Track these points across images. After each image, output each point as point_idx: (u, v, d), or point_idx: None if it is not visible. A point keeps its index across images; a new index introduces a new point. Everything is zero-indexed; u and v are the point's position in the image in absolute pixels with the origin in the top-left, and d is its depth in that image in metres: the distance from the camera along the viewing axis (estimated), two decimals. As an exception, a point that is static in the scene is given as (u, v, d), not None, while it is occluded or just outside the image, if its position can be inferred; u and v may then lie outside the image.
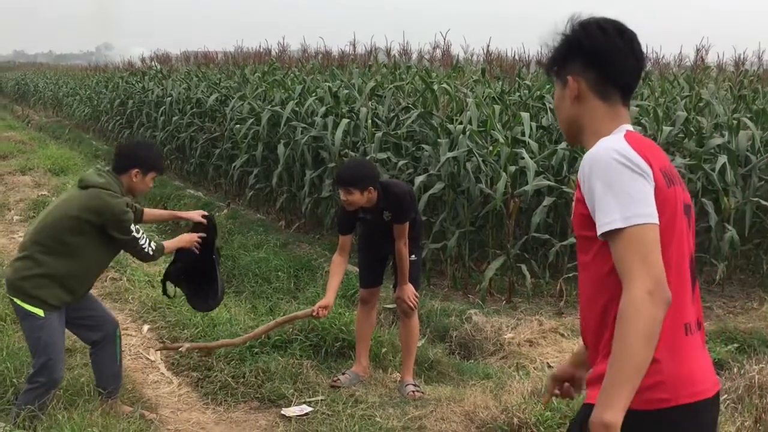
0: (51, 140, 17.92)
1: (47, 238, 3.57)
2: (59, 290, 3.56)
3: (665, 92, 8.82)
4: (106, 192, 3.58)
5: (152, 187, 3.90)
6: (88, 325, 3.83)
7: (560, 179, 7.17)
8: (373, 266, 4.69)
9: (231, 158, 11.33)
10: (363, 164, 4.74)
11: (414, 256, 4.53)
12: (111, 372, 3.91)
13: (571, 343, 5.79)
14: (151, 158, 3.79)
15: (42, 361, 3.56)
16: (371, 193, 4.31)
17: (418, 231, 4.61)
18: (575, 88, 1.82)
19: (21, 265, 3.59)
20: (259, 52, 14.00)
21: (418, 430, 3.80)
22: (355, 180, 4.28)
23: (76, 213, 3.55)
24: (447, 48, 10.69)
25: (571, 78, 1.83)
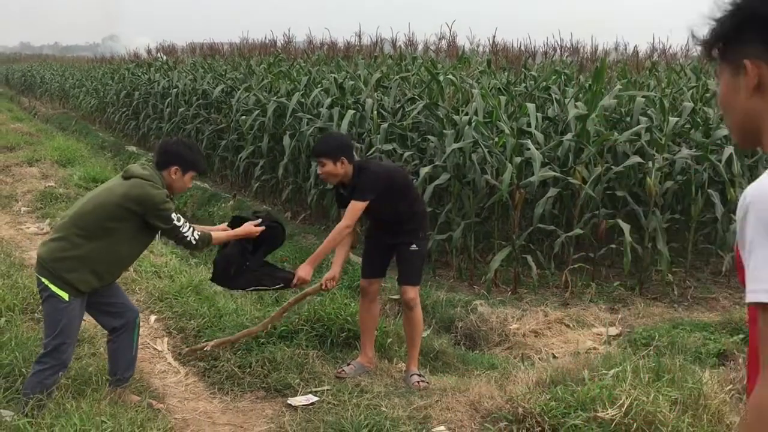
0: (58, 132, 17.97)
1: (87, 222, 3.63)
2: (89, 275, 3.62)
3: (672, 83, 8.78)
4: (148, 183, 3.65)
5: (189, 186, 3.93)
6: (110, 311, 3.89)
7: (566, 170, 7.16)
8: (372, 256, 4.67)
9: (237, 149, 11.35)
10: (334, 136, 4.71)
11: (416, 246, 4.50)
12: (126, 360, 3.97)
13: (576, 334, 5.81)
14: (191, 157, 3.82)
15: (56, 343, 3.62)
16: (344, 165, 4.27)
17: (419, 222, 4.57)
18: (755, 75, 1.34)
19: (56, 246, 3.64)
20: (265, 44, 13.99)
21: (423, 419, 3.81)
22: (325, 150, 4.29)
23: (118, 200, 3.61)
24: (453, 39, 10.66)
25: (749, 62, 1.34)
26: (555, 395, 3.65)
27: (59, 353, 3.62)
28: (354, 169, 4.34)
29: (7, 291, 5.40)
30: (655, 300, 6.69)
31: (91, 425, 3.28)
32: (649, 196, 6.77)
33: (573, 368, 4.05)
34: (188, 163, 3.79)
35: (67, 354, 3.68)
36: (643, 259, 6.94)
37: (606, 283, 6.99)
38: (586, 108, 7.23)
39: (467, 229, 7.13)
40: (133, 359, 4.04)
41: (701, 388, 3.69)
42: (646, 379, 3.74)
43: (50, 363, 3.63)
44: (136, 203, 3.60)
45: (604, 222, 6.82)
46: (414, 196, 4.57)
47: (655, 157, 6.91)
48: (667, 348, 5.08)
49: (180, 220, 3.71)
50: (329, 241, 4.41)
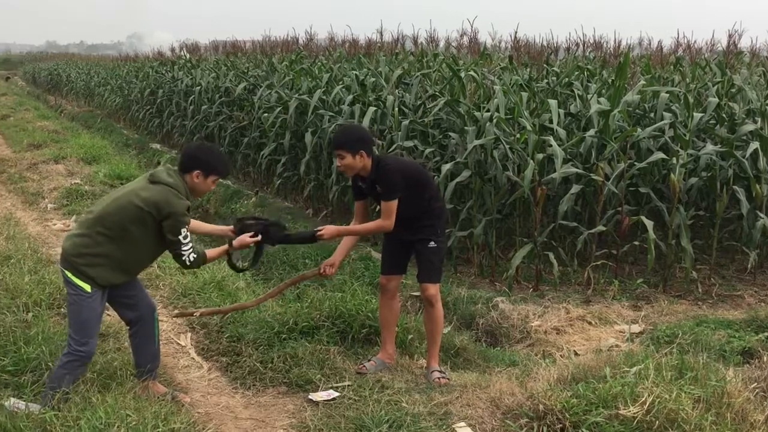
0: (83, 129, 18.20)
1: (110, 222, 3.71)
2: (109, 272, 3.72)
3: (696, 78, 8.68)
4: (173, 191, 3.73)
5: (212, 189, 3.98)
6: (126, 303, 3.97)
7: (588, 167, 7.11)
8: (392, 252, 4.66)
9: (259, 147, 11.43)
10: (354, 128, 4.69)
11: (434, 243, 4.49)
12: (148, 353, 4.05)
13: (599, 331, 5.78)
14: (212, 161, 3.87)
15: (80, 335, 3.72)
16: (364, 158, 4.29)
17: (438, 218, 4.56)
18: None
19: (80, 241, 3.74)
20: (287, 41, 14.04)
21: (443, 415, 3.82)
22: (344, 142, 4.29)
23: (140, 204, 3.69)
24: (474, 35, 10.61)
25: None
26: (576, 392, 3.64)
27: (82, 345, 3.71)
28: (373, 162, 4.35)
29: (34, 286, 5.49)
30: (679, 297, 6.63)
31: (116, 418, 3.33)
32: (673, 193, 6.70)
33: (595, 365, 4.03)
34: (210, 167, 3.85)
35: (90, 345, 3.75)
36: (667, 256, 6.88)
37: (629, 280, 6.94)
38: (609, 104, 7.17)
39: (488, 226, 7.12)
40: (157, 351, 4.10)
41: (725, 386, 3.66)
42: (669, 376, 3.71)
43: (75, 355, 3.71)
44: (156, 209, 3.68)
45: (627, 219, 6.76)
46: (432, 192, 4.55)
47: (679, 153, 6.84)
48: (691, 346, 5.04)
49: (186, 238, 3.78)
50: (365, 229, 4.58)
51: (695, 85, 8.26)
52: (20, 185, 10.61)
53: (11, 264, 6.11)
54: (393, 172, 4.33)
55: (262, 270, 7.21)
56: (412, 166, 4.63)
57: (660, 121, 7.21)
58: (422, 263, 4.54)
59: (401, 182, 4.33)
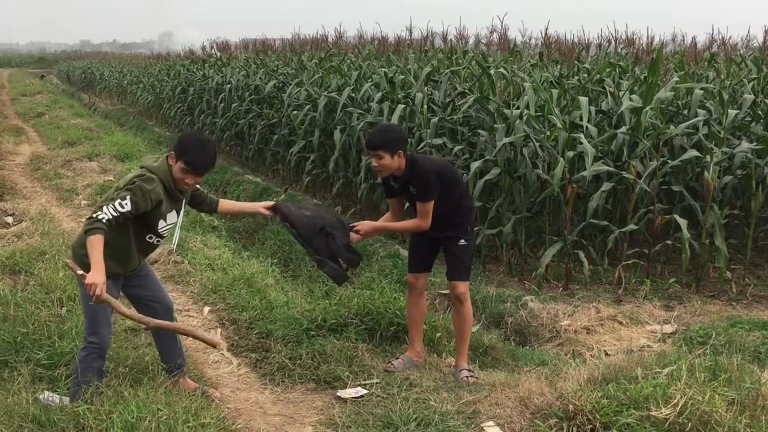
0: (116, 127, 18.46)
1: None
2: (108, 260, 3.63)
3: (731, 74, 8.52)
4: (142, 173, 3.73)
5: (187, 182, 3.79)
6: (144, 303, 4.01)
7: (620, 164, 7.03)
8: (419, 250, 4.64)
9: (288, 144, 11.48)
10: (390, 128, 4.66)
11: (464, 241, 4.48)
12: (172, 350, 4.10)
13: (630, 331, 5.71)
14: (187, 148, 3.76)
15: (89, 324, 3.77)
16: (401, 158, 4.29)
17: (468, 215, 4.54)
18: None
19: (79, 233, 3.84)
20: (316, 39, 14.10)
21: (472, 414, 3.81)
22: (384, 143, 4.27)
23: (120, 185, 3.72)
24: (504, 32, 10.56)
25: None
26: (607, 393, 3.60)
27: (92, 335, 3.74)
28: (407, 162, 4.34)
29: (68, 281, 5.58)
30: (713, 297, 6.52)
31: (147, 412, 3.37)
32: (707, 191, 6.59)
33: (626, 366, 3.98)
34: (181, 152, 3.73)
35: (100, 337, 3.75)
36: (701, 255, 6.76)
37: (661, 279, 6.85)
38: (642, 101, 7.07)
39: (518, 224, 7.07)
40: (180, 348, 4.14)
41: (760, 388, 3.59)
42: (702, 378, 3.64)
43: (88, 347, 3.75)
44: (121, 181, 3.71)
45: (660, 217, 6.67)
46: (461, 190, 4.53)
47: (713, 150, 6.72)
48: (725, 347, 4.96)
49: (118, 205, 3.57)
50: (402, 227, 4.65)
51: (730, 82, 8.12)
52: (55, 182, 10.79)
53: (46, 259, 6.22)
54: (428, 174, 4.31)
55: (291, 267, 7.25)
56: (444, 166, 4.61)
57: (694, 118, 7.10)
58: (452, 261, 4.53)
59: (437, 183, 4.32)
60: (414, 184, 4.34)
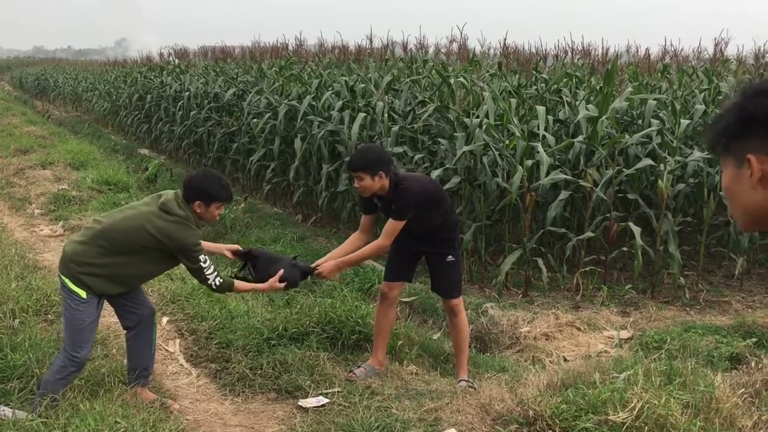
0: (71, 135, 18.10)
1: (116, 239, 3.74)
2: (105, 283, 3.76)
3: (683, 85, 8.75)
4: (184, 224, 3.78)
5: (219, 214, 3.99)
6: (127, 308, 3.99)
7: (577, 173, 7.15)
8: (400, 260, 4.61)
9: (248, 152, 11.40)
10: (372, 149, 4.61)
11: (452, 257, 4.47)
12: (144, 354, 4.05)
13: (588, 337, 5.79)
14: (210, 189, 3.87)
15: (72, 340, 3.72)
16: (383, 179, 4.26)
17: (454, 230, 4.54)
18: (759, 169, 1.43)
19: (81, 250, 3.75)
20: (276, 47, 14.02)
21: (433, 421, 3.82)
22: (363, 164, 4.26)
23: (153, 232, 3.72)
24: (463, 42, 10.66)
25: (754, 158, 1.43)
26: (566, 398, 3.65)
27: (77, 350, 3.71)
28: (391, 183, 4.31)
29: (21, 293, 5.44)
30: (667, 303, 6.67)
31: (104, 425, 3.31)
32: (661, 199, 6.75)
33: (584, 371, 4.04)
34: (209, 196, 3.86)
35: (85, 351, 3.75)
36: (655, 262, 6.91)
37: (617, 286, 6.97)
38: (598, 110, 7.21)
39: (478, 232, 7.13)
40: (152, 356, 4.11)
41: (713, 391, 3.68)
42: (658, 382, 3.72)
43: (70, 361, 3.71)
44: (169, 239, 3.73)
45: (616, 225, 6.80)
46: (447, 206, 4.52)
47: (666, 159, 6.88)
48: (679, 351, 5.06)
49: (206, 263, 3.84)
50: (364, 254, 4.44)
51: (682, 92, 8.33)
52: (7, 191, 10.53)
53: (-2, 270, 6.06)
54: (411, 196, 4.28)
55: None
56: (431, 186, 4.56)
57: (648, 128, 7.26)
58: (442, 278, 4.53)
59: (417, 205, 4.29)
60: (395, 203, 4.32)
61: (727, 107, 1.49)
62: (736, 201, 1.53)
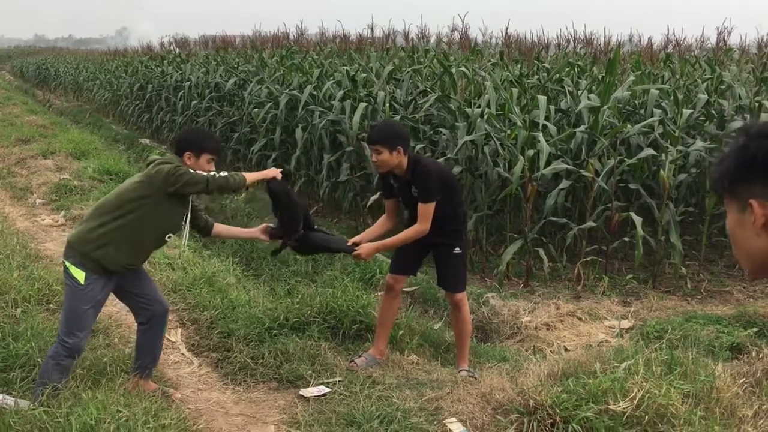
0: (72, 124, 18.07)
1: (112, 202, 3.75)
2: (115, 252, 3.67)
3: (686, 75, 8.72)
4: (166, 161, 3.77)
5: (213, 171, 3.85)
6: (139, 303, 3.96)
7: (578, 163, 7.14)
8: (407, 253, 4.57)
9: (249, 142, 11.39)
10: (392, 124, 4.61)
11: (458, 249, 4.46)
12: (152, 350, 4.05)
13: (588, 327, 5.80)
14: (199, 140, 3.85)
15: (66, 325, 3.71)
16: (400, 155, 4.25)
17: (463, 222, 4.54)
18: (762, 215, 1.39)
19: (83, 227, 3.77)
20: (277, 36, 14.00)
21: (434, 411, 3.83)
22: (382, 138, 4.26)
23: (139, 179, 3.75)
24: (465, 31, 10.64)
25: (756, 203, 1.39)
26: (566, 388, 3.65)
27: (69, 336, 3.68)
28: (409, 162, 4.30)
29: (23, 282, 5.45)
30: (668, 293, 6.67)
31: (106, 414, 3.32)
32: (663, 189, 6.74)
33: (585, 361, 4.04)
34: (198, 146, 3.82)
35: (78, 339, 3.70)
36: (657, 252, 6.91)
37: (619, 276, 6.98)
38: (599, 100, 7.19)
39: (479, 222, 7.13)
40: (158, 352, 4.11)
41: (714, 381, 3.68)
42: (659, 372, 3.73)
43: (62, 346, 3.69)
44: (153, 177, 3.68)
45: (617, 215, 6.79)
46: (458, 197, 4.53)
47: (668, 149, 6.87)
48: (680, 341, 5.07)
49: (194, 171, 3.71)
50: (403, 238, 4.39)
51: (685, 82, 8.30)
52: (8, 180, 10.53)
53: (0, 260, 6.07)
54: (432, 175, 4.28)
55: (253, 266, 7.20)
56: (447, 170, 4.60)
57: (650, 118, 7.24)
58: (448, 270, 4.52)
59: (439, 185, 4.29)
60: (416, 184, 4.30)
61: (730, 149, 1.44)
62: (740, 246, 1.49)
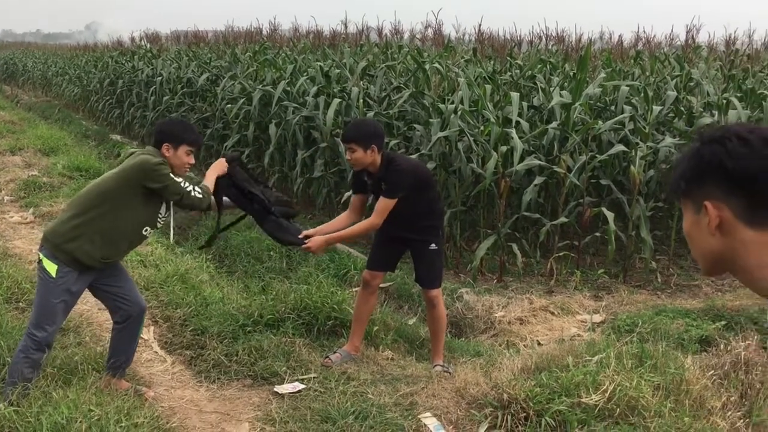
0: (40, 120, 17.80)
1: (87, 197, 3.69)
2: (89, 244, 3.61)
3: (656, 72, 8.83)
4: (145, 152, 3.74)
5: (191, 163, 3.83)
6: (116, 302, 3.91)
7: (551, 159, 7.20)
8: (384, 249, 4.60)
9: (222, 138, 11.30)
10: (366, 122, 4.63)
11: (434, 245, 4.46)
12: (127, 350, 4.01)
13: (561, 321, 5.86)
14: (178, 131, 3.80)
15: (35, 317, 3.67)
16: (374, 153, 4.26)
17: (439, 218, 4.56)
18: (716, 216, 1.44)
19: (58, 220, 3.73)
20: (250, 32, 13.90)
21: (409, 406, 3.84)
22: (356, 136, 4.27)
23: (116, 172, 3.70)
24: (439, 27, 10.64)
25: (710, 204, 1.44)
26: (540, 381, 3.69)
27: (38, 329, 3.63)
28: (382, 159, 4.31)
29: (-9, 280, 5.37)
30: (639, 287, 6.76)
31: (78, 414, 3.28)
32: (633, 185, 6.82)
33: (557, 355, 4.09)
34: (176, 137, 3.77)
35: (47, 333, 3.65)
36: (627, 247, 7.00)
37: (590, 270, 7.05)
38: (571, 97, 7.26)
39: (453, 218, 7.16)
40: (132, 352, 4.07)
41: (683, 373, 3.75)
42: (630, 365, 3.78)
43: (31, 339, 3.64)
44: (132, 170, 3.65)
45: (589, 210, 6.87)
46: (434, 193, 4.54)
47: (639, 145, 6.96)
48: (650, 334, 5.14)
49: (179, 179, 3.71)
50: (354, 232, 4.43)
51: (654, 79, 8.41)
52: (-25, 177, 10.33)
53: (-33, 258, 5.96)
54: (404, 173, 4.28)
55: (227, 263, 7.15)
56: (422, 168, 4.61)
57: (620, 114, 7.33)
58: (424, 267, 4.53)
59: (409, 184, 4.28)
60: (386, 181, 4.30)
61: (685, 153, 1.50)
62: (696, 246, 1.56)
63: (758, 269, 1.45)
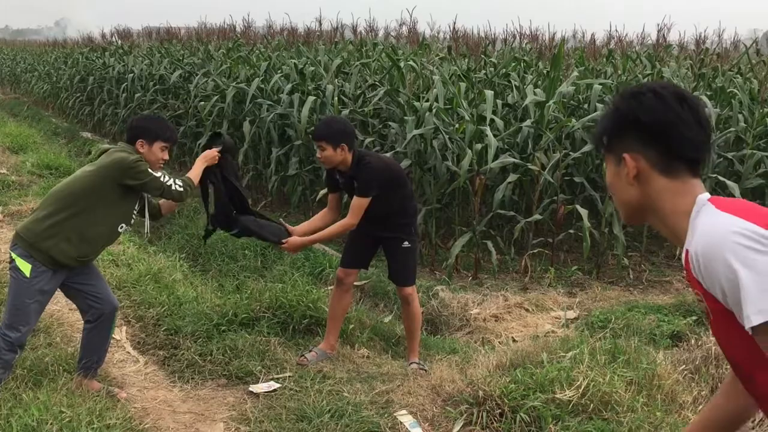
0: (9, 117, 17.50)
1: (63, 193, 3.64)
2: (65, 243, 3.56)
3: (627, 70, 8.92)
4: (121, 150, 3.70)
5: (165, 159, 3.83)
6: (89, 301, 3.85)
7: (525, 156, 7.24)
8: (357, 246, 4.60)
9: (195, 136, 11.20)
10: (337, 120, 4.61)
11: (407, 243, 4.46)
12: (98, 349, 3.95)
13: (536, 318, 5.90)
14: (152, 127, 3.77)
15: (9, 317, 3.60)
16: (344, 152, 4.25)
17: (413, 216, 4.55)
18: (633, 167, 1.58)
19: (33, 218, 3.66)
20: (224, 29, 13.78)
21: (385, 404, 3.84)
22: (326, 134, 4.25)
23: (92, 169, 3.65)
24: (413, 25, 10.65)
25: (628, 156, 1.58)
26: (515, 378, 3.72)
27: (10, 329, 3.57)
28: (353, 157, 4.30)
29: (-42, 281, 5.26)
30: (612, 284, 6.83)
31: (49, 415, 3.23)
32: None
33: (532, 351, 4.12)
34: (150, 132, 3.75)
35: (21, 334, 3.59)
36: (600, 243, 7.07)
37: (564, 267, 7.11)
38: (545, 95, 7.31)
39: (428, 215, 7.17)
40: (104, 352, 4.01)
41: (655, 368, 3.80)
42: (603, 360, 3.82)
43: (3, 341, 3.58)
44: (109, 168, 3.62)
45: (563, 207, 6.92)
46: (407, 191, 4.54)
47: (611, 143, 7.01)
48: (623, 330, 5.20)
49: (157, 173, 3.70)
50: (331, 233, 4.41)
51: (626, 77, 8.50)
52: (-59, 175, 10.12)
53: (-67, 258, 5.84)
54: (374, 171, 4.28)
55: (200, 261, 7.10)
56: (394, 165, 4.60)
57: (593, 113, 7.39)
58: (397, 265, 4.53)
59: (381, 182, 4.28)
60: (357, 179, 4.30)
61: (607, 110, 1.63)
62: (617, 196, 1.68)
63: (672, 215, 1.58)
